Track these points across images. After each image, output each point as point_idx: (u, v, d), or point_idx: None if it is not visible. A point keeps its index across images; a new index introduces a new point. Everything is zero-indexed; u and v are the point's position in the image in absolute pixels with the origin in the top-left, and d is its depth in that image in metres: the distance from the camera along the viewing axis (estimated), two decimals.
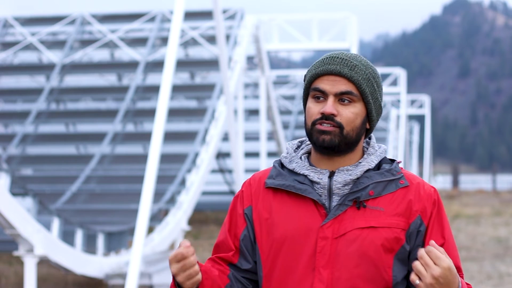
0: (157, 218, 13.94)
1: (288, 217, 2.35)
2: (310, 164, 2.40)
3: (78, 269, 10.34)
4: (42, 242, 8.84)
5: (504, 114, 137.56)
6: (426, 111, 42.90)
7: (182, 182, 14.92)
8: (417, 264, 2.11)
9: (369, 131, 2.41)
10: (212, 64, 18.01)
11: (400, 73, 33.20)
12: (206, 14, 17.97)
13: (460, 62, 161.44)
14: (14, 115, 18.90)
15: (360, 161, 2.38)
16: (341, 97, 2.33)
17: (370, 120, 2.38)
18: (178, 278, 2.23)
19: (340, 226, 2.30)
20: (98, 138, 17.15)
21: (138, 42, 19.07)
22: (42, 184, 15.89)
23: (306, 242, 2.31)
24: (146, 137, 16.16)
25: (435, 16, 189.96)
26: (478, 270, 13.70)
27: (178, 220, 13.54)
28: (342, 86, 2.32)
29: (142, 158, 15.02)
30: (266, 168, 2.47)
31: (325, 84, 2.34)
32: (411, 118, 48.08)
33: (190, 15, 17.09)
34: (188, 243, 2.21)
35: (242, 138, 16.27)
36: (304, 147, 2.46)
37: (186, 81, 19.79)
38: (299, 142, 2.48)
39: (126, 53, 19.05)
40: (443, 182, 58.19)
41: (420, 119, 52.07)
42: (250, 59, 18.97)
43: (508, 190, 48.38)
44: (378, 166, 2.38)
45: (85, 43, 19.08)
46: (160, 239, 12.85)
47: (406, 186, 2.35)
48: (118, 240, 12.62)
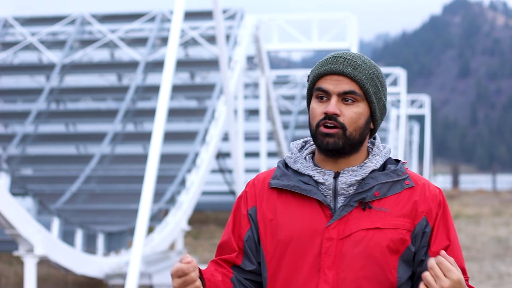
0: (157, 218, 13.93)
1: (293, 218, 2.34)
2: (315, 164, 2.38)
3: (78, 269, 10.33)
4: (42, 242, 8.83)
5: (504, 114, 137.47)
6: (426, 111, 42.88)
7: (182, 182, 14.91)
8: (427, 275, 2.11)
9: (373, 131, 2.40)
10: (212, 64, 18.00)
11: (400, 73, 33.22)
12: (206, 14, 17.96)
13: (460, 62, 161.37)
14: (14, 115, 18.89)
15: (365, 161, 2.36)
16: (344, 96, 2.31)
17: (374, 120, 2.36)
18: None
19: (345, 227, 2.29)
20: (98, 138, 17.14)
21: (138, 42, 19.06)
22: (42, 184, 15.87)
23: (311, 243, 2.30)
24: (146, 137, 16.15)
25: (435, 16, 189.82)
26: (478, 270, 13.70)
27: (178, 220, 13.54)
28: (345, 85, 2.31)
29: (142, 158, 15.01)
30: (269, 168, 2.45)
31: (328, 83, 2.32)
32: (411, 118, 48.06)
33: (190, 15, 17.07)
34: (189, 259, 2.19)
35: (242, 138, 16.25)
36: (308, 147, 2.44)
37: (186, 81, 19.78)
38: (303, 142, 2.47)
39: (126, 53, 19.04)
40: (443, 182, 58.08)
41: (420, 119, 52.02)
42: (250, 59, 18.96)
43: (508, 190, 48.39)
44: (383, 167, 2.37)
45: (85, 43, 19.07)
46: (160, 239, 12.84)
47: (411, 187, 2.34)
48: (118, 240, 12.61)
